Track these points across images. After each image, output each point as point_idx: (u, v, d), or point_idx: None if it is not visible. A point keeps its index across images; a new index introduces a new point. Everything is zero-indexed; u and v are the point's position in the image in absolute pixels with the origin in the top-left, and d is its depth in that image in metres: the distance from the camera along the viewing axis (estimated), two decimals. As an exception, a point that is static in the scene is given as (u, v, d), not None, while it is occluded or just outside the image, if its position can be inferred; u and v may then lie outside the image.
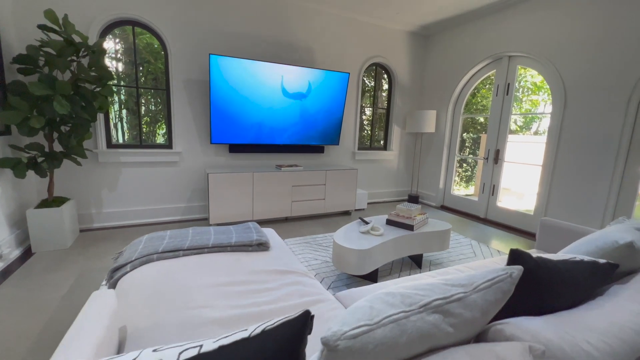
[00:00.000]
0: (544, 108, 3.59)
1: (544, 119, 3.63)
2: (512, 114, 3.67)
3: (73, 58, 2.50)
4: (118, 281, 1.38)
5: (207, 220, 3.46)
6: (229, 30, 3.37)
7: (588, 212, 2.93)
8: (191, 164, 3.43)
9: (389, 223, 2.42)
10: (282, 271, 1.47)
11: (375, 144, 4.71)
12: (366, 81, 4.51)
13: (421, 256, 2.47)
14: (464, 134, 4.47)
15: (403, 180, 4.94)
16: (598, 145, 2.84)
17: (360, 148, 4.51)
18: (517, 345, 0.59)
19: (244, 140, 3.48)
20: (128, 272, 1.39)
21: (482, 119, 4.20)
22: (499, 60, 3.74)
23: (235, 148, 3.56)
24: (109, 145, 3.08)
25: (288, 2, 3.59)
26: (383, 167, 4.71)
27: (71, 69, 2.50)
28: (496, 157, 3.80)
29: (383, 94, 4.67)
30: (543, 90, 3.60)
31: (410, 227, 2.31)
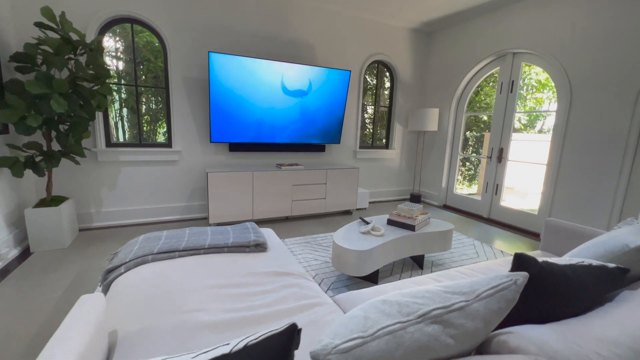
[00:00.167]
0: (549, 106, 3.52)
1: (549, 117, 3.57)
2: (516, 112, 3.61)
3: (70, 56, 2.48)
4: (112, 283, 1.36)
5: (207, 219, 3.43)
6: (229, 27, 3.33)
7: (594, 213, 2.87)
8: (191, 163, 3.40)
9: (390, 223, 2.37)
10: (279, 273, 1.43)
11: (377, 143, 4.66)
12: (368, 79, 4.46)
13: (423, 257, 2.43)
14: (467, 132, 4.41)
15: (405, 179, 4.89)
16: (604, 144, 2.78)
17: (361, 147, 4.47)
18: (523, 359, 0.55)
19: (244, 139, 3.44)
20: (122, 274, 1.36)
21: (486, 117, 4.14)
22: (503, 57, 3.67)
23: (235, 147, 3.53)
24: (108, 144, 3.06)
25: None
26: (385, 166, 4.66)
27: (69, 67, 2.48)
28: (500, 156, 3.74)
29: (385, 92, 4.61)
30: (548, 87, 3.53)
31: (411, 228, 2.27)
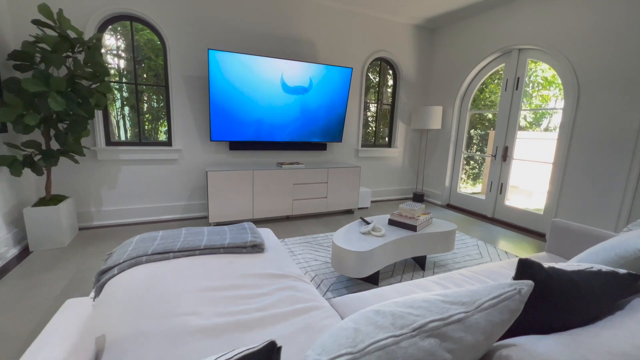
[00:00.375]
0: (555, 103, 3.44)
1: (555, 115, 3.49)
2: (522, 110, 3.53)
3: (68, 54, 2.46)
4: (105, 284, 1.33)
5: (207, 219, 3.41)
6: (229, 24, 3.29)
7: (601, 213, 2.79)
8: (191, 162, 3.38)
9: (391, 223, 2.33)
10: (276, 275, 1.40)
11: (379, 141, 4.61)
12: (371, 77, 4.40)
13: (425, 258, 2.38)
14: (472, 131, 4.34)
15: (408, 178, 4.83)
16: (613, 142, 2.70)
17: (363, 145, 4.41)
18: (527, 376, 0.50)
19: (244, 137, 3.41)
20: (115, 275, 1.34)
21: (491, 115, 4.06)
22: (509, 53, 3.59)
23: (235, 145, 3.50)
24: (108, 142, 3.05)
25: (289, -4, 3.50)
26: (387, 165, 4.60)
27: (67, 65, 2.46)
28: (504, 155, 3.67)
29: (388, 90, 4.55)
30: (554, 85, 3.45)
31: (413, 228, 2.22)
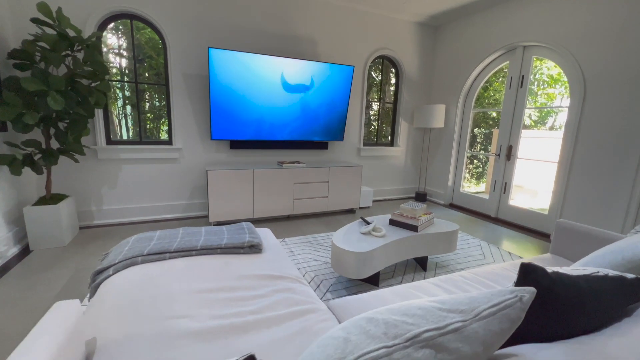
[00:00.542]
0: (561, 102, 3.38)
1: (561, 114, 3.42)
2: (527, 108, 3.47)
3: (68, 52, 2.45)
4: (100, 285, 1.31)
5: (208, 218, 3.40)
6: (230, 22, 3.27)
7: (608, 214, 2.74)
8: (192, 161, 3.37)
9: (392, 223, 2.29)
10: (273, 276, 1.37)
11: (381, 140, 4.56)
12: (373, 75, 4.36)
13: (426, 258, 2.34)
14: (475, 129, 4.28)
15: (410, 177, 4.79)
16: (620, 141, 2.64)
17: (366, 144, 4.37)
18: (527, 391, 0.47)
19: (245, 136, 3.39)
20: (110, 276, 1.32)
21: (495, 114, 4.00)
22: (513, 50, 3.53)
23: (236, 144, 3.48)
24: (109, 141, 3.04)
25: (290, -7, 3.47)
26: (389, 164, 4.56)
27: (66, 64, 2.45)
28: (508, 154, 3.61)
29: (391, 88, 4.50)
30: (560, 83, 3.38)
31: (414, 228, 2.19)
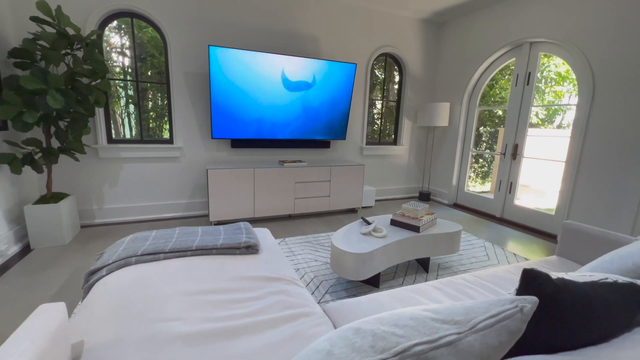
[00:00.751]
0: (569, 100, 3.29)
1: (569, 112, 3.33)
2: (533, 106, 3.39)
3: (67, 51, 2.44)
4: (94, 286, 1.30)
5: (208, 217, 3.39)
6: (230, 20, 3.24)
7: (616, 215, 2.65)
8: (192, 160, 3.35)
9: (393, 224, 2.25)
10: (268, 278, 1.34)
11: (385, 139, 4.51)
12: (377, 73, 4.30)
13: (428, 259, 2.29)
14: (481, 128, 4.20)
15: (414, 176, 4.73)
16: (630, 140, 2.55)
17: (368, 143, 4.32)
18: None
19: (246, 135, 3.36)
20: (104, 277, 1.30)
21: (501, 112, 3.92)
22: (519, 47, 3.45)
23: (237, 143, 3.45)
24: (110, 140, 3.04)
25: (292, -10, 3.43)
26: (393, 163, 4.51)
27: (66, 62, 2.44)
28: (514, 152, 3.54)
29: (395, 87, 4.44)
30: (568, 80, 3.29)
31: (416, 229, 2.14)
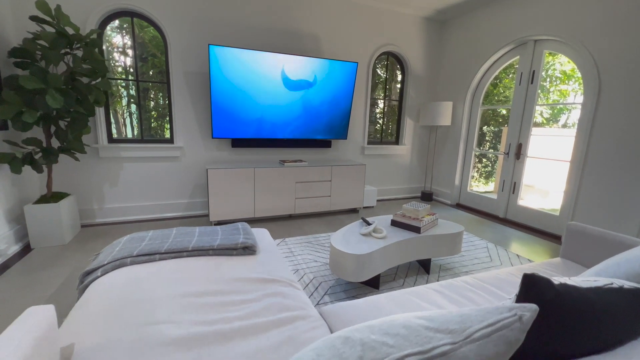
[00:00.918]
0: (575, 99, 3.23)
1: (574, 111, 3.27)
2: (538, 105, 3.34)
3: (67, 51, 2.44)
4: (88, 286, 1.28)
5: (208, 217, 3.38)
6: (230, 19, 3.22)
7: (622, 216, 2.60)
8: (193, 159, 3.35)
9: (394, 224, 2.22)
10: (265, 279, 1.32)
11: (387, 138, 4.47)
12: (379, 72, 4.26)
13: (429, 260, 2.26)
14: (484, 127, 4.15)
15: (416, 176, 4.68)
16: (636, 139, 2.50)
17: (370, 142, 4.29)
18: None
19: (246, 134, 3.35)
20: (98, 277, 1.29)
21: (505, 111, 3.87)
22: (524, 45, 3.39)
23: (238, 143, 3.44)
24: (110, 140, 3.04)
25: (292, -12, 3.40)
26: (395, 163, 4.47)
27: (66, 62, 2.44)
28: (518, 152, 3.48)
29: (397, 86, 4.40)
30: (574, 79, 3.24)
31: (417, 229, 2.11)
